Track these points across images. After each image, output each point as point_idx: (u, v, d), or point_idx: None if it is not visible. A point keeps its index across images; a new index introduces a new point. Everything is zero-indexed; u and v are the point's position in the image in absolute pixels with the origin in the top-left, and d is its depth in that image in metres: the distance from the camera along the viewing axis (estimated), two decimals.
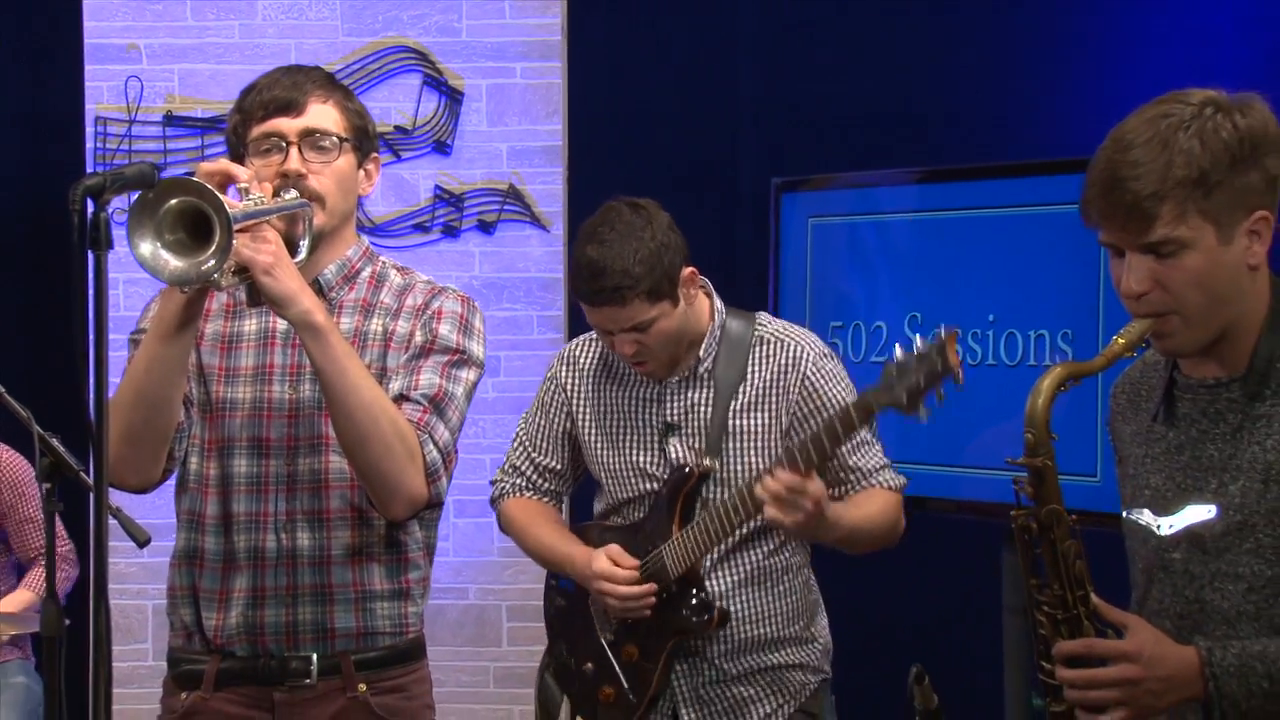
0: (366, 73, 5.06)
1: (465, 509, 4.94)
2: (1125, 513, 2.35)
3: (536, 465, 3.39)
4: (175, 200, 2.42)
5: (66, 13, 5.12)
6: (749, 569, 3.22)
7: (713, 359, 3.22)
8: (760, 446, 3.19)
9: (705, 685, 3.24)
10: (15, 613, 4.35)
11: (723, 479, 3.19)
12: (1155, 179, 2.10)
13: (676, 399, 3.23)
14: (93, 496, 2.24)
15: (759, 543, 3.21)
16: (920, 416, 2.79)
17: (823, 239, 4.35)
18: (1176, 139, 2.11)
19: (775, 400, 3.19)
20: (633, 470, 3.26)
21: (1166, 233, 2.11)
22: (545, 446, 3.38)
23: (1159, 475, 2.27)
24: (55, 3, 5.23)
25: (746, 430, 3.19)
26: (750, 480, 3.05)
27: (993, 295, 3.96)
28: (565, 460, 3.38)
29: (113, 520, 2.64)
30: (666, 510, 3.20)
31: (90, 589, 2.46)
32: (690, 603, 3.19)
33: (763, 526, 3.16)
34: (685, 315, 3.18)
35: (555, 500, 3.44)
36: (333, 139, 2.78)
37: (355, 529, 2.78)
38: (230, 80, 4.75)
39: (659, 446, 3.24)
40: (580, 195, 5.01)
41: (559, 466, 3.39)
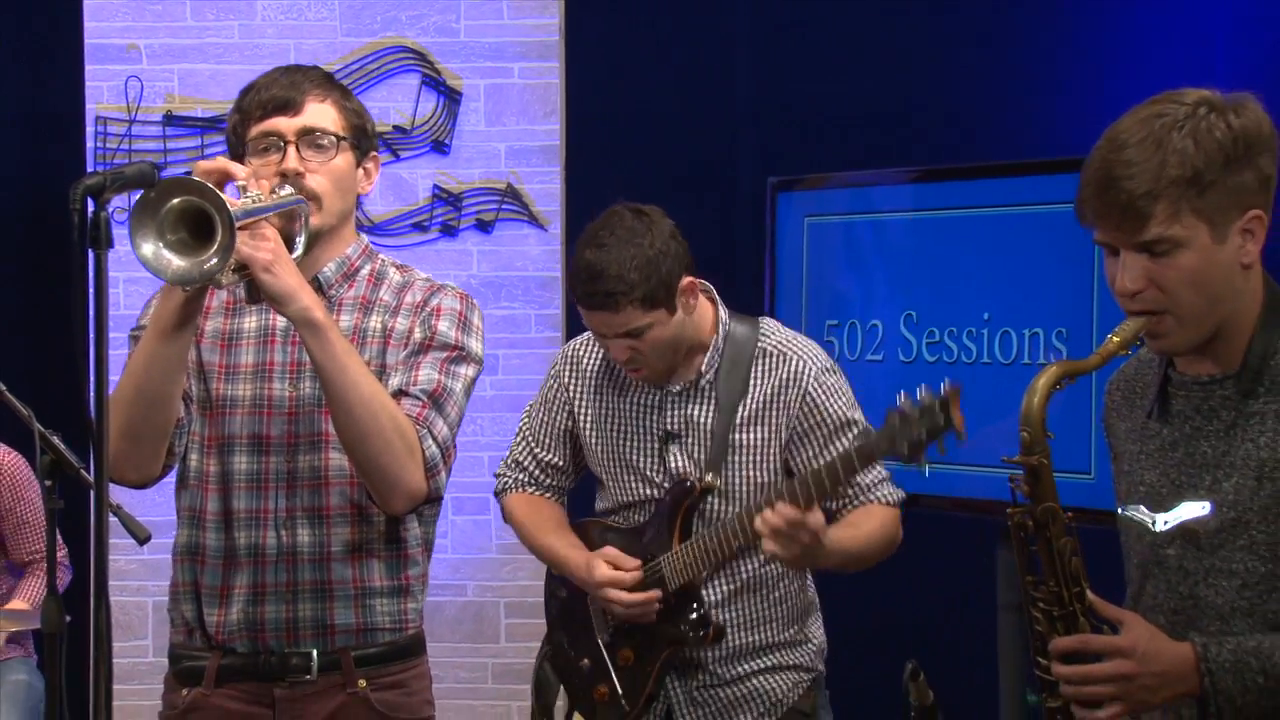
0: (365, 73, 5.06)
1: (463, 506, 4.95)
2: (1120, 509, 2.35)
3: (539, 460, 3.38)
4: (176, 200, 2.43)
5: (66, 13, 5.13)
6: (745, 577, 3.22)
7: (715, 371, 3.20)
8: (761, 460, 3.18)
9: (699, 689, 3.24)
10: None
11: (724, 493, 3.18)
12: (1149, 178, 2.11)
13: (677, 410, 3.22)
14: (93, 494, 2.25)
15: (755, 551, 3.18)
16: (920, 467, 2.85)
17: (819, 238, 4.35)
18: (1171, 139, 2.11)
19: (776, 415, 3.17)
20: (633, 474, 3.26)
21: (1160, 232, 2.12)
22: (548, 442, 3.37)
23: (1153, 472, 2.28)
24: (55, 3, 5.23)
25: (747, 445, 3.18)
26: (749, 508, 3.04)
27: (988, 294, 3.96)
28: (567, 457, 3.38)
29: (113, 518, 2.63)
30: (667, 522, 3.19)
31: (91, 586, 2.46)
32: (689, 617, 3.18)
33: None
34: (683, 324, 3.15)
35: (557, 495, 3.43)
36: (330, 138, 2.78)
37: (355, 526, 2.78)
38: (230, 80, 4.75)
39: (659, 454, 3.23)
40: (578, 195, 5.02)
41: (560, 463, 3.38)
